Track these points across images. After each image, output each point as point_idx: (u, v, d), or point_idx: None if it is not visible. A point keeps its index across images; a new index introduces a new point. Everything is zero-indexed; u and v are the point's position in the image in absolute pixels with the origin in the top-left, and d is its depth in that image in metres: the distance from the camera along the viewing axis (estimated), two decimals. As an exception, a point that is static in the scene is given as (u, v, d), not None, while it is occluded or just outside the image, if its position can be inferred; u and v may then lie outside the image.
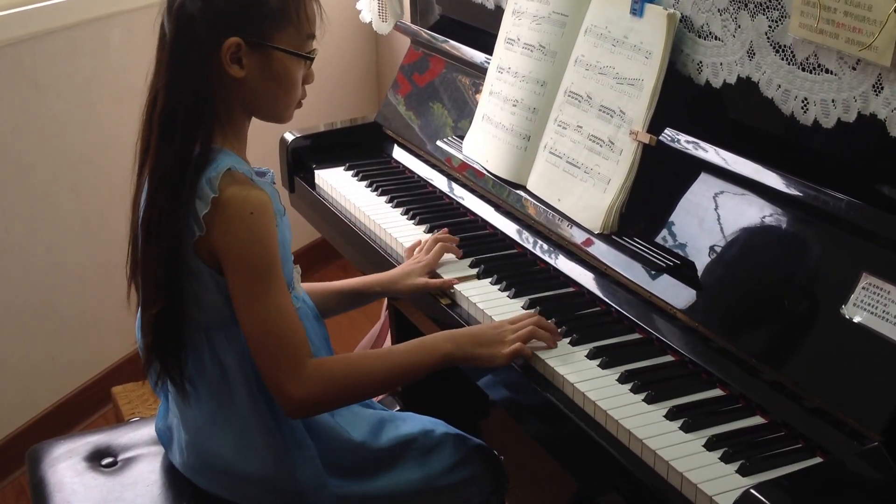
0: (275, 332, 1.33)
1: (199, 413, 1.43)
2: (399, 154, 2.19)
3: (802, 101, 1.39)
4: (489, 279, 1.66)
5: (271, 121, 1.44)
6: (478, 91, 1.97)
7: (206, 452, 1.45)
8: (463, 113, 2.03)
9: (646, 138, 1.54)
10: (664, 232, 1.53)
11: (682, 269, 1.45)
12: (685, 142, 1.52)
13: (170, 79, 1.33)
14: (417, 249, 1.76)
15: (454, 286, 1.65)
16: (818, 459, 1.21)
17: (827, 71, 1.35)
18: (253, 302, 1.32)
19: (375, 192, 2.04)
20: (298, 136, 2.22)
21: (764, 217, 1.40)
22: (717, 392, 1.35)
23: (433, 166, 2.07)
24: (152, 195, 1.34)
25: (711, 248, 1.44)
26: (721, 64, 1.51)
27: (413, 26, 2.30)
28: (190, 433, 1.46)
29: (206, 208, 1.30)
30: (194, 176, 1.31)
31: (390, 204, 1.98)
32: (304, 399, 1.34)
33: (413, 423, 1.58)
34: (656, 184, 1.56)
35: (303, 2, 1.39)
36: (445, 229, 1.80)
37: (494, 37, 1.90)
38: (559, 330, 1.49)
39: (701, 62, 1.54)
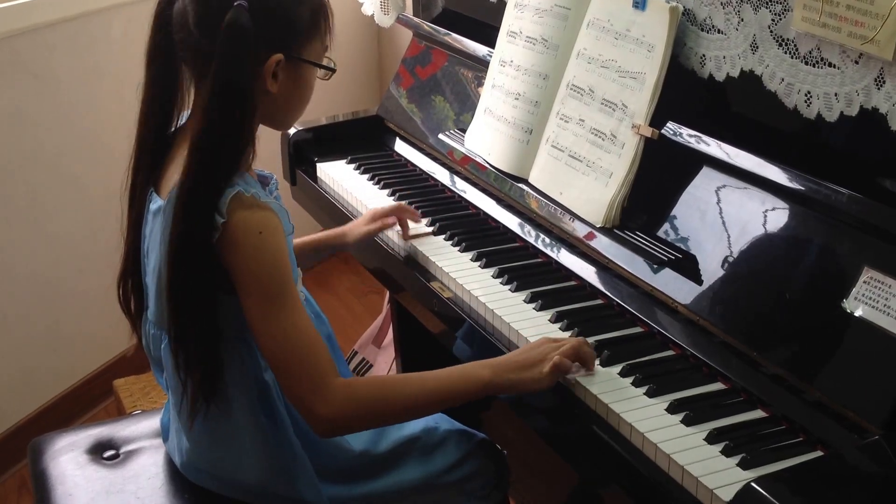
0: (295, 351, 1.29)
1: (198, 424, 1.41)
2: (401, 147, 2.19)
3: (806, 95, 1.39)
4: (491, 272, 1.66)
5: (278, 128, 1.44)
6: (480, 84, 1.97)
7: (205, 460, 1.45)
8: (465, 106, 2.03)
9: (648, 132, 1.54)
10: (666, 226, 1.53)
11: (684, 263, 1.45)
12: (687, 135, 1.52)
13: (221, 101, 1.27)
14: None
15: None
16: (819, 453, 1.21)
17: (830, 65, 1.35)
18: (271, 322, 1.29)
19: (378, 186, 2.04)
20: (300, 129, 2.22)
21: (766, 211, 1.40)
22: (718, 386, 1.35)
23: (435, 159, 2.07)
24: (185, 218, 1.28)
25: (713, 242, 1.44)
26: (724, 57, 1.51)
27: (415, 19, 2.30)
28: (189, 440, 1.45)
29: (217, 233, 1.27)
30: (219, 196, 1.28)
31: (392, 197, 1.98)
32: (330, 418, 1.30)
33: (416, 420, 1.58)
34: (658, 177, 1.56)
35: (327, 14, 1.39)
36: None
37: (497, 30, 1.90)
38: (559, 324, 1.49)
39: (704, 55, 1.54)
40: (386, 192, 2.00)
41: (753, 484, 1.07)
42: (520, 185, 1.78)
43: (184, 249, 1.28)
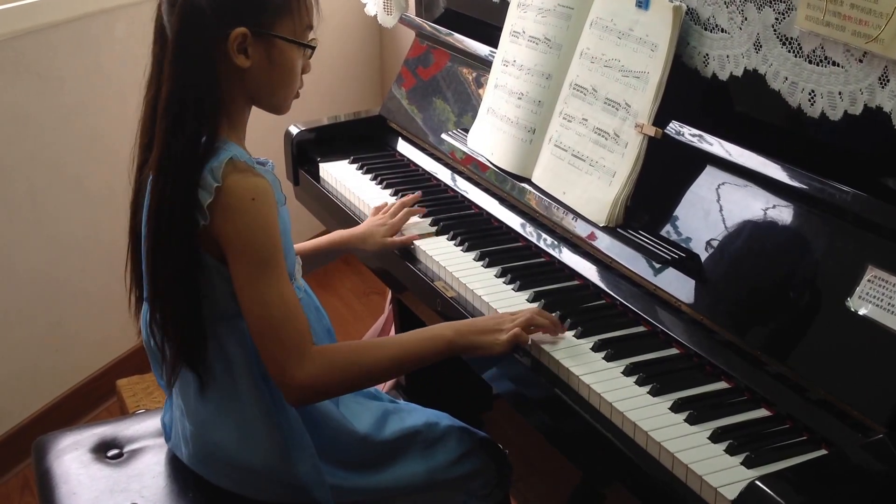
0: (276, 317, 1.33)
1: (202, 404, 1.43)
2: (403, 147, 2.19)
3: (809, 94, 1.39)
4: (494, 272, 1.66)
5: (271, 111, 1.45)
6: (482, 84, 1.97)
7: (210, 443, 1.46)
8: (467, 106, 2.03)
9: (651, 131, 1.54)
10: (669, 225, 1.53)
11: (688, 262, 1.45)
12: (691, 135, 1.52)
13: (177, 71, 1.33)
14: (382, 212, 1.86)
15: (415, 242, 1.77)
16: (823, 451, 1.21)
17: (834, 63, 1.35)
18: (255, 288, 1.33)
19: (380, 185, 2.04)
20: (303, 129, 2.22)
21: (769, 210, 1.40)
22: (722, 385, 1.35)
23: (438, 159, 2.07)
24: (160, 189, 1.34)
25: (717, 241, 1.44)
26: (728, 56, 1.51)
27: (417, 19, 2.30)
28: (194, 424, 1.46)
29: (210, 197, 1.31)
30: (200, 167, 1.32)
31: (395, 197, 1.98)
32: (305, 385, 1.34)
33: (417, 415, 1.58)
34: (662, 177, 1.56)
35: None
36: (417, 194, 1.93)
37: (499, 30, 1.90)
38: (564, 323, 1.49)
39: (707, 55, 1.54)
40: (389, 191, 2.00)
41: (758, 482, 1.08)
42: (523, 184, 1.78)
43: (163, 218, 1.33)
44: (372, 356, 1.41)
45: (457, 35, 2.11)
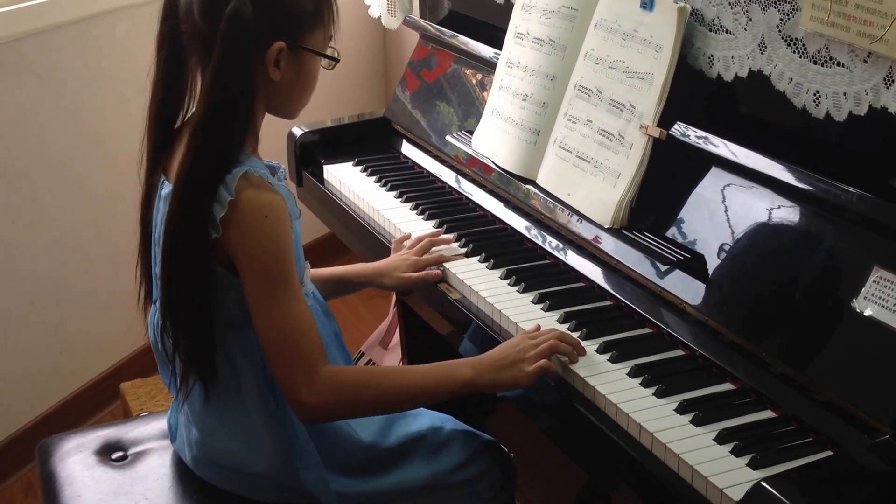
0: (289, 336, 1.32)
1: (208, 412, 1.43)
2: (408, 149, 2.19)
3: (814, 95, 1.39)
4: (499, 274, 1.66)
5: (284, 117, 1.45)
6: (487, 86, 1.97)
7: (215, 450, 1.46)
8: (472, 108, 2.03)
9: (656, 132, 1.54)
10: (674, 226, 1.52)
11: (693, 264, 1.45)
12: (695, 136, 1.52)
13: (220, 85, 1.30)
14: (408, 244, 1.77)
15: (445, 265, 1.67)
16: (829, 453, 1.21)
17: (838, 64, 1.35)
18: (267, 305, 1.32)
19: (384, 188, 2.04)
20: (307, 130, 2.22)
21: (774, 211, 1.39)
22: (727, 386, 1.35)
23: (442, 161, 2.07)
24: (181, 200, 1.31)
25: (722, 243, 1.44)
26: (732, 57, 1.51)
27: (421, 21, 2.30)
28: (199, 430, 1.46)
29: (223, 210, 1.30)
30: (220, 178, 1.30)
31: (399, 199, 1.98)
32: (314, 406, 1.33)
33: (422, 419, 1.58)
34: (666, 178, 1.56)
35: (332, 5, 1.40)
36: (440, 232, 1.79)
37: (503, 31, 1.90)
38: (568, 325, 1.49)
39: (712, 56, 1.54)
40: (393, 193, 2.00)
41: (763, 483, 1.07)
42: (527, 186, 1.78)
43: (181, 229, 1.31)
44: (383, 385, 1.38)
45: (461, 37, 2.11)
